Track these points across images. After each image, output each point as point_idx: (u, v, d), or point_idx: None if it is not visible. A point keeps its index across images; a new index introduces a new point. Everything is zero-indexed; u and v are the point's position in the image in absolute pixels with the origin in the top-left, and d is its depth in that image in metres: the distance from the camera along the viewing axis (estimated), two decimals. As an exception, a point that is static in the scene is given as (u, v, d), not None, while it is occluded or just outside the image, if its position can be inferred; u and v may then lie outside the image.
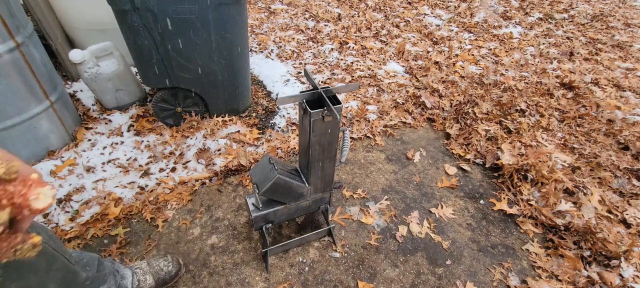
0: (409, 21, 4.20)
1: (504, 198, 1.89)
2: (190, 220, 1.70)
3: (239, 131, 2.22)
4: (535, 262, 1.60)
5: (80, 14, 2.32)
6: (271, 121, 2.38)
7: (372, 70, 3.05)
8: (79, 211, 1.66)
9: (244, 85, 2.25)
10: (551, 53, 3.53)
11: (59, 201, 1.71)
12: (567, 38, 3.94)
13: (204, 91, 2.08)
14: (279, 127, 2.33)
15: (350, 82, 2.89)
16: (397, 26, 4.04)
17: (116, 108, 2.31)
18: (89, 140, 2.06)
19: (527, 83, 2.92)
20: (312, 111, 1.05)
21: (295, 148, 2.14)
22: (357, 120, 2.42)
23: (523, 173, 1.99)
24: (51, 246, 0.81)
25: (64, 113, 1.97)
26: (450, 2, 4.89)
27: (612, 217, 1.77)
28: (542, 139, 2.25)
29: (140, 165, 1.95)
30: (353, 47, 3.44)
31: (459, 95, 2.69)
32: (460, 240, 1.69)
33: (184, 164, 1.98)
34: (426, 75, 2.99)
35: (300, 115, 1.18)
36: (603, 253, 1.58)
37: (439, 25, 4.12)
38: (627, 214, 1.78)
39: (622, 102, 2.69)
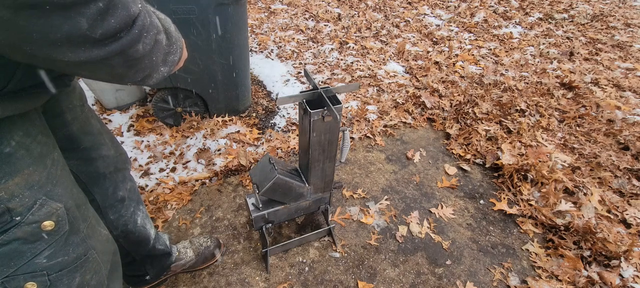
0: (409, 21, 4.20)
1: (504, 198, 1.89)
2: (190, 220, 1.70)
3: (239, 131, 2.22)
4: (535, 262, 1.60)
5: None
6: (271, 121, 2.38)
7: (372, 70, 3.05)
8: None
9: (244, 85, 2.25)
10: (551, 53, 3.53)
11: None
12: (567, 38, 3.94)
13: (204, 91, 2.08)
14: (279, 127, 2.33)
15: (350, 82, 2.89)
16: (397, 26, 4.04)
17: (116, 108, 2.32)
18: (89, 140, 2.06)
19: (527, 83, 2.92)
20: (312, 111, 1.05)
21: (295, 148, 2.14)
22: (357, 120, 2.42)
23: (523, 173, 1.99)
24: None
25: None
26: (450, 2, 4.90)
27: (612, 217, 1.77)
28: (542, 138, 2.25)
29: (140, 165, 1.95)
30: (353, 47, 3.44)
31: (459, 95, 2.69)
32: (460, 240, 1.69)
33: (184, 164, 1.98)
34: (426, 75, 2.99)
35: (300, 115, 1.18)
36: (603, 253, 1.58)
37: (439, 25, 4.12)
38: (627, 214, 1.78)
39: (622, 102, 2.69)
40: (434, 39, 3.77)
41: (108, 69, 0.52)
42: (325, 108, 1.05)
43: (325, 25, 3.92)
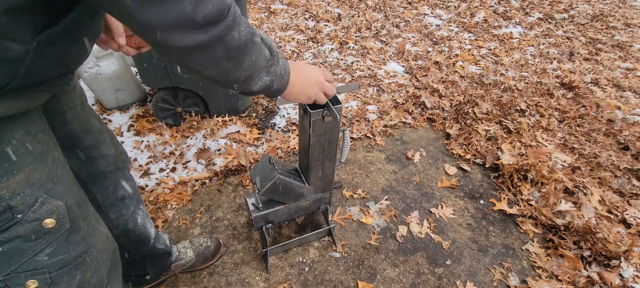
0: (409, 21, 4.20)
1: (504, 198, 1.89)
2: (190, 220, 1.70)
3: (239, 131, 2.22)
4: (535, 262, 1.60)
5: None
6: (271, 121, 2.38)
7: (372, 70, 3.05)
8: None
9: (244, 85, 2.25)
10: (551, 53, 3.53)
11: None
12: (567, 38, 3.94)
13: (204, 91, 2.08)
14: (279, 127, 2.33)
15: (350, 82, 2.89)
16: (397, 26, 4.05)
17: (116, 108, 2.32)
18: (89, 140, 2.06)
19: (527, 83, 2.92)
20: (312, 111, 1.05)
21: (295, 148, 2.14)
22: (357, 120, 2.42)
23: (523, 173, 1.99)
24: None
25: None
26: (450, 2, 4.90)
27: (612, 217, 1.77)
28: (542, 138, 2.25)
29: (140, 165, 1.95)
30: (353, 47, 3.44)
31: (459, 95, 2.69)
32: (460, 240, 1.69)
33: (184, 164, 1.98)
34: (426, 75, 2.99)
35: (300, 115, 1.18)
36: (603, 253, 1.58)
37: (439, 25, 4.12)
38: (627, 214, 1.78)
39: (622, 102, 2.69)
40: (434, 39, 3.77)
41: (213, 59, 0.59)
42: (325, 108, 1.05)
43: (325, 25, 3.92)
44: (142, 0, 0.47)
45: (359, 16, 4.22)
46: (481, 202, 1.91)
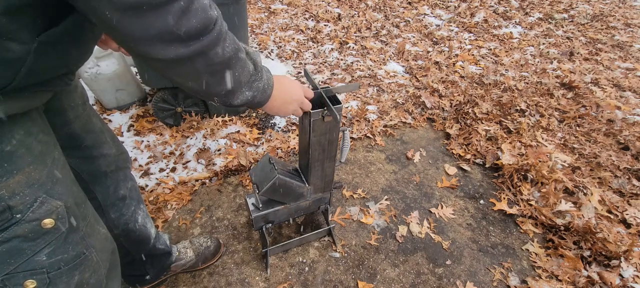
0: (409, 21, 4.20)
1: (504, 198, 1.89)
2: (190, 220, 1.70)
3: (239, 131, 2.22)
4: (535, 262, 1.60)
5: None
6: (271, 121, 2.38)
7: (372, 70, 3.05)
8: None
9: (244, 85, 2.25)
10: (551, 53, 3.53)
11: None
12: (567, 38, 3.94)
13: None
14: (279, 127, 2.33)
15: (350, 82, 2.89)
16: (397, 26, 4.05)
17: (116, 108, 2.32)
18: (89, 140, 2.06)
19: (527, 83, 2.92)
20: (312, 111, 1.05)
21: (295, 148, 2.14)
22: (357, 120, 2.42)
23: (523, 173, 1.99)
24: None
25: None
26: (450, 2, 4.90)
27: (612, 217, 1.77)
28: (542, 139, 2.25)
29: (140, 165, 1.95)
30: (353, 47, 3.44)
31: (459, 95, 2.69)
32: (460, 240, 1.69)
33: (184, 164, 1.98)
34: (426, 75, 2.99)
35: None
36: (603, 253, 1.58)
37: (439, 25, 4.12)
38: (627, 214, 1.78)
39: (622, 102, 2.69)
40: (434, 39, 3.77)
41: (194, 72, 0.59)
42: (325, 108, 1.05)
43: (325, 25, 3.92)
44: (122, 12, 0.46)
45: (359, 16, 4.22)
46: (481, 202, 1.91)
